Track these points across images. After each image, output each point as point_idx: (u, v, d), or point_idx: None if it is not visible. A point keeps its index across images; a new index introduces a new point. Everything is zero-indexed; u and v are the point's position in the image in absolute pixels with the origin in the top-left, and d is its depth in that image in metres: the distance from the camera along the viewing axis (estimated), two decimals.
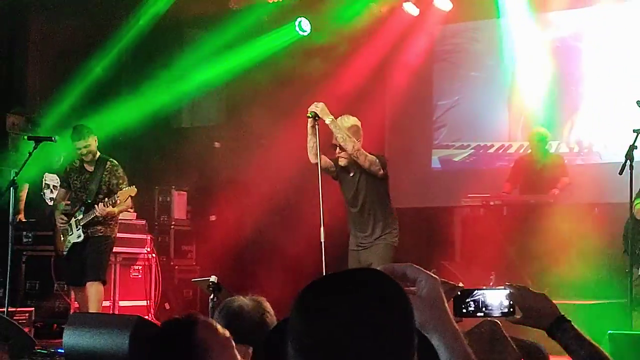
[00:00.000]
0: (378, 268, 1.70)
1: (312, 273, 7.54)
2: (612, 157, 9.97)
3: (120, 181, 8.39)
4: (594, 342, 2.39)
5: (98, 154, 8.51)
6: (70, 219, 8.41)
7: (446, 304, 1.70)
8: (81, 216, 8.36)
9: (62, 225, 8.44)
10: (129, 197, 8.37)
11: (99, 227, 8.38)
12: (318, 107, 7.26)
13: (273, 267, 10.70)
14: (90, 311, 8.09)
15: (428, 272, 1.72)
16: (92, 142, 8.44)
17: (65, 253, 8.46)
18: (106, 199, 8.24)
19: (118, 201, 8.23)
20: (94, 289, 8.22)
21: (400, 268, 1.72)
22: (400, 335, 1.48)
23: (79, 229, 8.34)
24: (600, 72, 10.39)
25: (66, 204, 8.67)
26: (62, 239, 8.46)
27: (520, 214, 9.27)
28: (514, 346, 2.62)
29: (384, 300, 1.49)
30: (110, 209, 8.23)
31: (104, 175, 8.41)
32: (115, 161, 8.57)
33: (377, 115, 10.93)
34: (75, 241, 8.36)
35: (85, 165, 8.52)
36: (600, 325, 7.34)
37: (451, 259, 10.30)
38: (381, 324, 1.46)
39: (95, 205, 8.22)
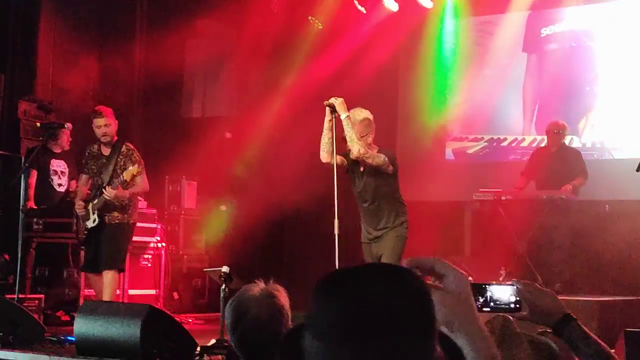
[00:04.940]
0: (404, 261, 1.66)
1: (325, 265, 7.54)
2: (623, 154, 9.95)
3: (136, 165, 8.20)
4: (600, 341, 2.38)
5: (116, 137, 8.44)
6: (88, 205, 8.38)
7: (473, 302, 1.65)
8: (96, 201, 8.30)
9: (80, 211, 8.39)
10: (140, 179, 8.28)
11: (116, 214, 8.27)
12: (337, 101, 7.25)
13: (283, 258, 10.71)
14: (104, 299, 8.06)
15: (457, 268, 1.68)
16: (113, 123, 8.35)
17: (83, 238, 8.43)
18: (114, 181, 8.18)
19: (128, 181, 8.10)
20: (108, 277, 8.17)
21: (427, 262, 1.67)
22: (421, 322, 1.46)
23: (95, 213, 8.30)
24: (615, 68, 10.32)
25: (89, 189, 8.60)
26: (82, 225, 8.44)
27: (531, 209, 9.23)
28: (526, 342, 2.61)
29: (405, 288, 1.46)
30: (118, 191, 8.10)
31: (119, 159, 8.29)
32: (131, 145, 8.47)
33: (390, 107, 10.91)
34: (91, 226, 8.32)
35: (102, 149, 8.42)
36: (612, 322, 7.36)
37: (461, 253, 10.30)
38: (402, 310, 1.43)
39: (103, 189, 8.17)
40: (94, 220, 8.27)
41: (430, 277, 1.67)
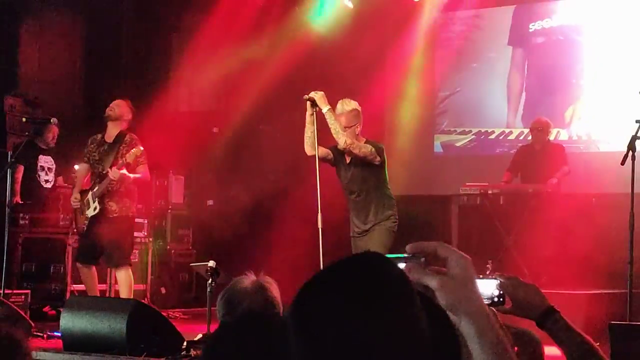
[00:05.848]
0: (407, 247, 1.63)
1: (310, 259, 7.55)
2: (609, 147, 9.98)
3: (140, 147, 8.18)
4: (582, 333, 2.39)
5: (122, 129, 8.39)
6: (87, 195, 8.30)
7: (476, 284, 1.64)
8: (96, 188, 8.23)
9: (75, 204, 8.35)
10: (142, 168, 8.26)
11: (114, 207, 8.22)
12: (317, 95, 7.23)
13: (270, 252, 10.69)
14: (122, 296, 8.09)
15: (459, 251, 1.66)
16: (124, 107, 8.39)
17: (83, 228, 8.37)
18: (118, 163, 8.09)
19: (131, 163, 8.04)
20: (122, 275, 8.21)
21: (430, 246, 1.63)
22: (406, 322, 1.46)
23: (95, 201, 8.22)
24: (601, 61, 10.37)
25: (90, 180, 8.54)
26: (82, 216, 8.37)
27: (517, 203, 9.26)
28: (509, 333, 2.62)
29: (382, 292, 1.45)
30: (124, 172, 8.04)
31: (121, 147, 8.24)
32: (135, 135, 8.42)
33: (377, 100, 10.90)
34: (92, 214, 8.24)
35: (105, 137, 8.39)
36: (599, 315, 7.38)
37: None
38: (384, 318, 1.43)
39: (108, 169, 8.09)
40: (95, 209, 8.21)
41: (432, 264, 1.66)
